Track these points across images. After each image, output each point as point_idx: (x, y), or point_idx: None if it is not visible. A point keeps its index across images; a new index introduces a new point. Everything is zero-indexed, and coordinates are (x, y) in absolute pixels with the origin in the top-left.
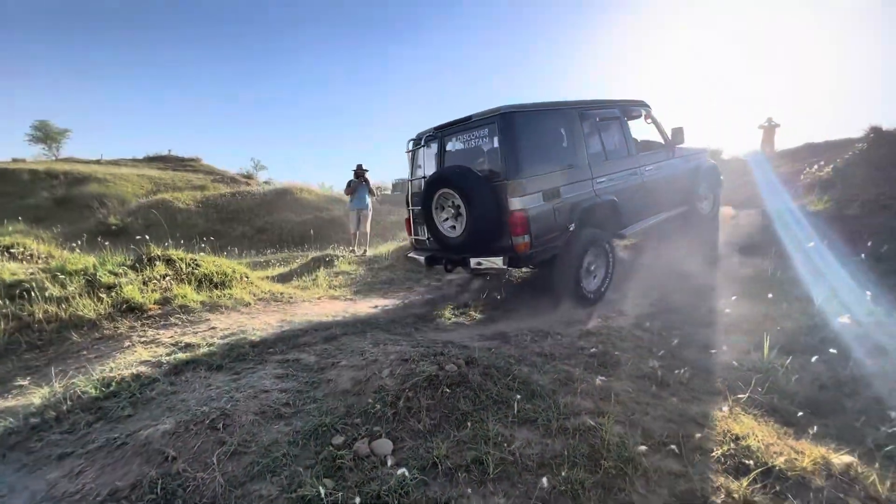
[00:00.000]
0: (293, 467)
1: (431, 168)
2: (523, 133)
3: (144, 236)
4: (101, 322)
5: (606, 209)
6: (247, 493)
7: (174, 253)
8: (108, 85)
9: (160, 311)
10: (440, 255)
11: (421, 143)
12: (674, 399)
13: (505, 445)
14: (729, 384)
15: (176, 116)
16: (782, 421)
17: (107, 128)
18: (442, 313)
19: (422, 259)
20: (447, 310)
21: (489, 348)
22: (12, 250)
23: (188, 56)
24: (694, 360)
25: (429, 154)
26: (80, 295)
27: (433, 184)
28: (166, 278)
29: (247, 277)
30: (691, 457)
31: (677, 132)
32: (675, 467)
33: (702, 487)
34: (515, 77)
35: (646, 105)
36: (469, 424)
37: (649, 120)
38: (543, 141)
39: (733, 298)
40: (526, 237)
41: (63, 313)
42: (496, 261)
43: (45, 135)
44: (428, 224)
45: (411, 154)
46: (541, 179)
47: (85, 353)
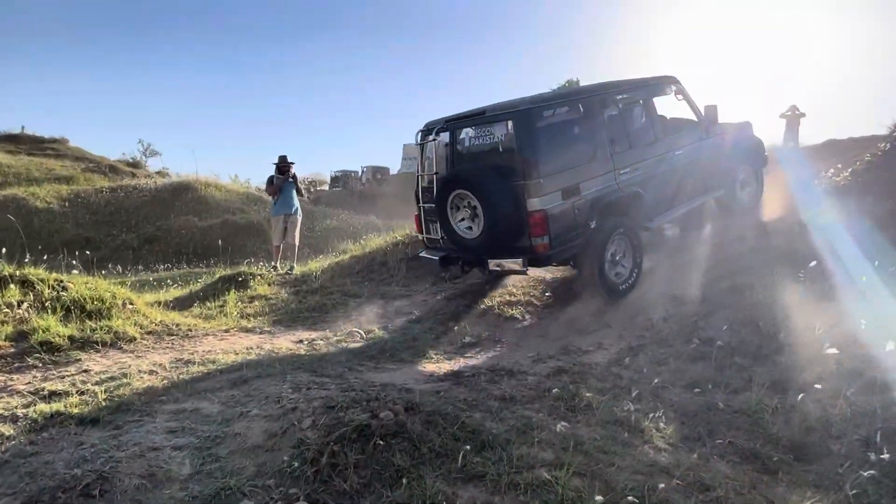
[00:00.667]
0: None
1: (441, 162)
2: (542, 130)
3: None
4: None
5: (631, 202)
6: None
7: (32, 272)
8: None
9: (13, 350)
10: (456, 256)
11: (431, 136)
12: (646, 447)
13: None
14: (711, 428)
15: (35, 82)
16: (762, 468)
17: None
18: (384, 349)
19: (436, 259)
20: (391, 343)
21: (437, 391)
22: None
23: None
24: (676, 402)
25: (439, 146)
26: None
27: (448, 184)
28: (22, 306)
29: (131, 304)
30: None
31: (711, 109)
32: None
33: None
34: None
35: (675, 80)
36: (404, 482)
37: (680, 96)
38: (562, 136)
39: (714, 327)
40: (546, 238)
41: None
42: (515, 263)
43: None
44: (442, 223)
45: (420, 147)
46: (560, 177)
47: None
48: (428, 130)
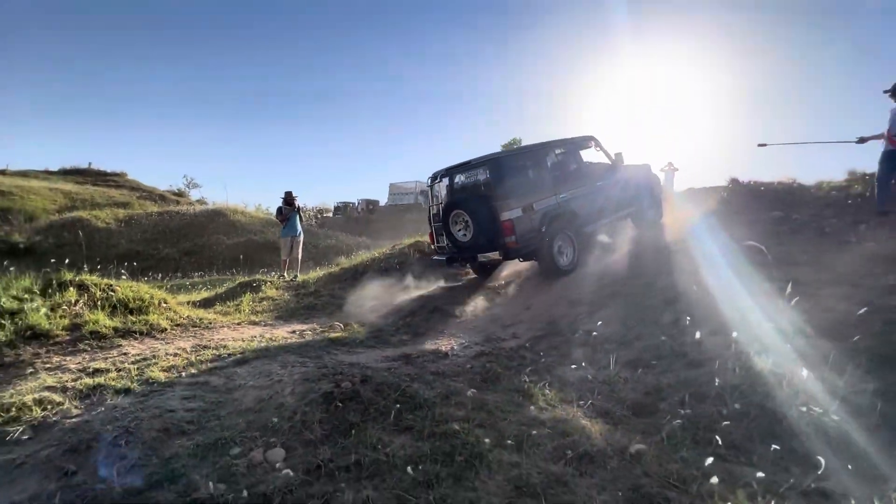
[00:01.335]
0: (191, 476)
1: (443, 194)
2: (507, 171)
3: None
4: (2, 349)
5: (567, 214)
6: (144, 501)
7: (88, 278)
8: (18, 87)
9: (68, 338)
10: (456, 256)
11: (436, 180)
12: (532, 407)
13: (381, 448)
14: (581, 394)
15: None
16: (610, 421)
17: (16, 136)
18: (357, 337)
19: (444, 259)
20: (362, 333)
21: (390, 368)
22: None
23: (121, 55)
24: (561, 375)
25: (441, 186)
26: None
27: (449, 207)
28: (78, 304)
29: (165, 303)
30: (529, 451)
31: (619, 155)
32: (514, 459)
33: (528, 472)
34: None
35: (593, 137)
36: (353, 432)
37: (598, 148)
38: (521, 174)
39: (594, 322)
40: (514, 237)
41: None
42: (495, 255)
43: None
44: (447, 233)
45: (430, 187)
46: (520, 199)
47: None
48: (435, 177)
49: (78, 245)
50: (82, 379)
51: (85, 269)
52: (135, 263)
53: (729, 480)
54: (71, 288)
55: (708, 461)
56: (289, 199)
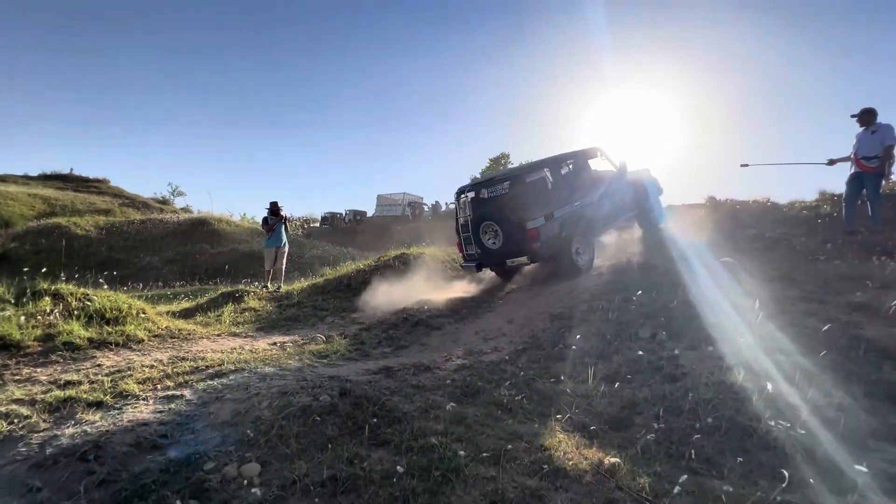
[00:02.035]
0: (161, 492)
1: (467, 208)
2: (529, 184)
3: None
4: None
5: (582, 219)
6: None
7: (64, 287)
8: None
9: (40, 349)
10: (485, 263)
11: (462, 193)
12: (511, 420)
13: (357, 463)
14: (559, 407)
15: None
16: (586, 434)
17: None
18: (338, 350)
19: (473, 265)
20: (344, 346)
21: (370, 381)
22: None
23: (109, 57)
24: (540, 389)
25: (466, 200)
26: None
27: (481, 219)
28: (53, 313)
29: (143, 313)
30: (506, 465)
31: (623, 163)
32: (491, 473)
33: (504, 487)
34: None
35: (600, 148)
36: (330, 447)
37: (604, 157)
38: (540, 185)
39: (574, 336)
40: (538, 243)
41: None
42: (522, 259)
43: None
44: (476, 242)
45: (457, 200)
46: (541, 209)
47: None
48: (461, 191)
49: (56, 252)
50: (52, 391)
51: (61, 278)
52: (115, 272)
53: (699, 494)
54: (46, 297)
55: (681, 476)
56: (274, 209)
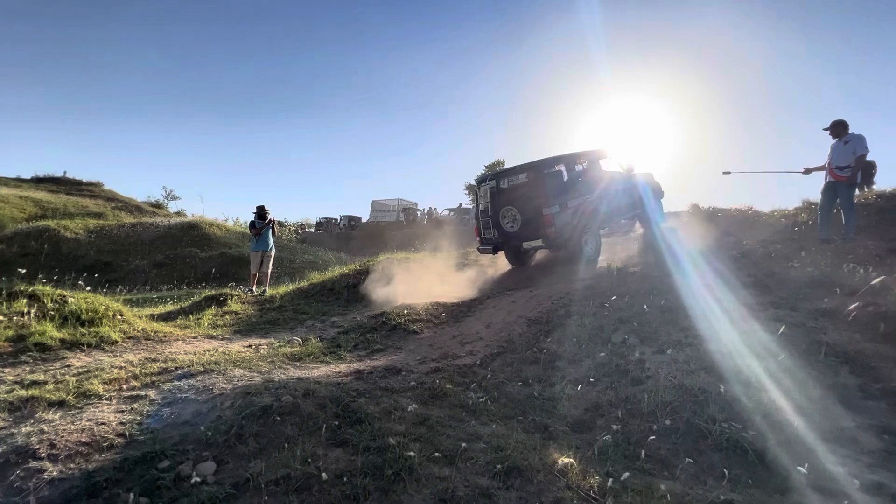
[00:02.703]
0: (112, 489)
1: (487, 195)
2: (546, 175)
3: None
4: None
5: (593, 210)
6: None
7: (40, 288)
8: None
9: (10, 349)
10: (502, 246)
11: (483, 182)
12: (474, 422)
13: (313, 462)
14: (524, 409)
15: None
16: (547, 435)
17: None
18: (313, 353)
19: (490, 248)
20: (319, 349)
21: (339, 383)
22: None
23: (106, 59)
24: (508, 392)
25: (486, 188)
26: None
27: (501, 204)
28: (28, 315)
29: (121, 315)
30: (461, 464)
31: (630, 165)
32: (445, 473)
33: (455, 485)
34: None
35: (608, 150)
36: (287, 446)
37: (612, 159)
38: (555, 177)
39: (549, 340)
40: (553, 228)
41: None
42: (538, 242)
43: None
44: (495, 226)
45: (478, 187)
46: (557, 198)
47: None
48: (482, 179)
49: (45, 255)
50: (16, 391)
51: (42, 280)
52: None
53: (646, 493)
54: (22, 298)
55: (626, 475)
56: (262, 213)
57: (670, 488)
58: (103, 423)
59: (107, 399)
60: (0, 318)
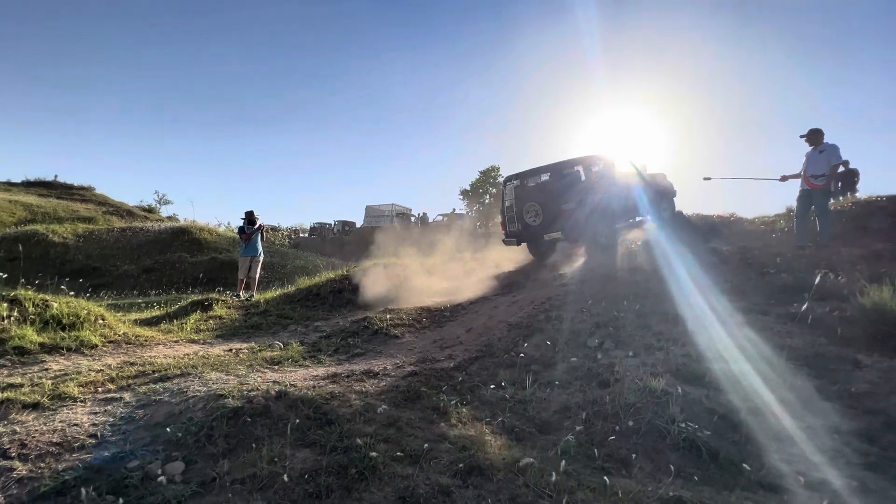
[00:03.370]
0: (80, 488)
1: (512, 192)
2: (564, 175)
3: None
4: None
5: (608, 207)
6: None
7: (22, 293)
8: None
9: None
10: (524, 237)
11: (509, 181)
12: (443, 424)
13: (279, 462)
14: (495, 412)
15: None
16: (514, 437)
17: None
18: (292, 356)
19: (514, 240)
20: (299, 353)
21: (314, 386)
22: None
23: (101, 61)
24: (482, 395)
25: (511, 187)
26: None
27: (525, 200)
28: (8, 319)
29: (103, 319)
30: (425, 464)
31: (643, 166)
32: (408, 472)
33: (416, 484)
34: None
35: (624, 153)
36: (255, 446)
37: (628, 161)
38: (574, 177)
39: (527, 344)
40: (570, 222)
41: None
42: (557, 234)
43: None
44: (519, 220)
45: (504, 186)
46: (573, 195)
47: None
48: (508, 178)
49: (31, 259)
50: None
51: (24, 284)
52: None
53: (600, 490)
54: (3, 302)
55: (586, 473)
56: (251, 219)
57: (625, 486)
58: (76, 425)
59: (81, 401)
60: None
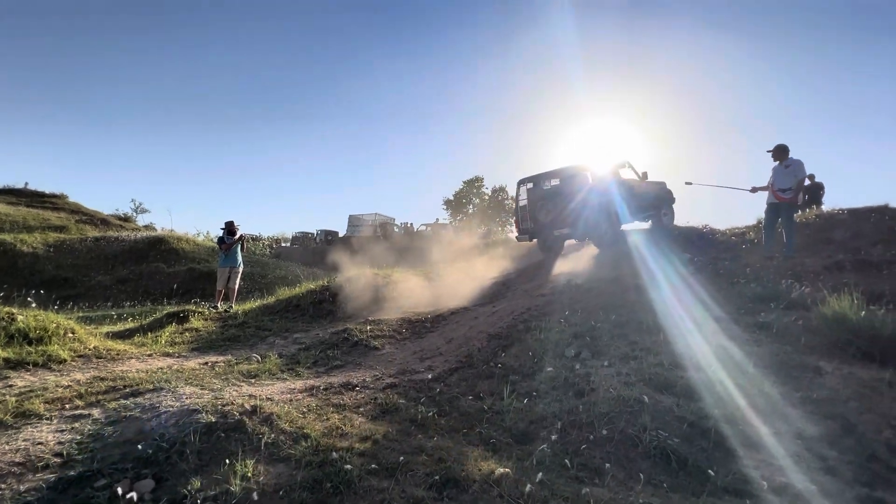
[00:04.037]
0: None
1: (525, 193)
2: (575, 178)
3: None
4: None
5: (614, 209)
6: None
7: None
8: None
9: None
10: (536, 234)
11: (523, 183)
12: (420, 436)
13: (253, 478)
14: (472, 423)
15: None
16: (490, 447)
17: None
18: (270, 369)
19: (526, 236)
20: (277, 365)
21: (291, 399)
22: None
23: (83, 64)
24: (462, 407)
25: (524, 188)
26: None
27: (539, 199)
28: None
29: (73, 333)
30: (401, 477)
31: (645, 173)
32: (384, 485)
33: (391, 497)
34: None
35: (628, 160)
36: (228, 462)
37: (631, 167)
38: (583, 180)
39: (505, 355)
40: (579, 220)
41: None
42: (566, 231)
43: None
44: (532, 218)
45: (518, 188)
46: (583, 196)
47: None
48: (523, 181)
49: None
50: None
51: None
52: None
53: (573, 499)
54: None
55: (560, 483)
56: (231, 229)
57: (597, 495)
58: (40, 443)
59: (47, 419)
60: None
